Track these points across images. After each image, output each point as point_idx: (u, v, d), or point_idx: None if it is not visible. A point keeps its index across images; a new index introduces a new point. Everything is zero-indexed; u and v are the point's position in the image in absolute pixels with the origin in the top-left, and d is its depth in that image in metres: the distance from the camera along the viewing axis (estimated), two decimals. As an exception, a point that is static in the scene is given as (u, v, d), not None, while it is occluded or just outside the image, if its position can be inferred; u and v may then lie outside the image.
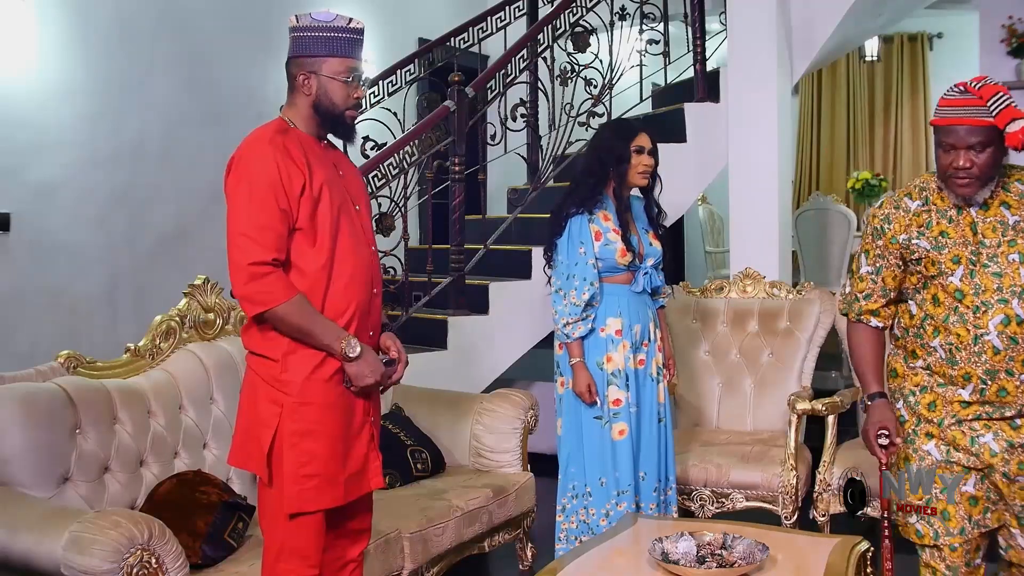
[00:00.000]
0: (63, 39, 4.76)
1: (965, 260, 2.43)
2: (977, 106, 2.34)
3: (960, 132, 2.35)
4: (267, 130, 2.52)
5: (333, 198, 2.46)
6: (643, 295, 3.51)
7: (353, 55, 2.54)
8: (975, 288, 2.41)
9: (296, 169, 2.41)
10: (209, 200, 5.45)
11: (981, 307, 2.40)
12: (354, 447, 2.49)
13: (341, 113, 2.53)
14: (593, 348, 3.42)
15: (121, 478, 2.98)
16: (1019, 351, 2.39)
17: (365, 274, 2.51)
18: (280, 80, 2.71)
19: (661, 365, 3.55)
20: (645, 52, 5.75)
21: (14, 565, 2.48)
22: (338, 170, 2.57)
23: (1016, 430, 2.45)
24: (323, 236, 2.43)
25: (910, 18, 8.75)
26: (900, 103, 10.21)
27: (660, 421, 3.51)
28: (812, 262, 7.55)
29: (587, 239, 3.39)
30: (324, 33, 2.51)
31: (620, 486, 3.41)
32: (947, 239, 2.46)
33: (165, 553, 2.47)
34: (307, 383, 2.40)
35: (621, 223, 3.44)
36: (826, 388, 4.45)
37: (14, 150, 4.54)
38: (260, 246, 2.36)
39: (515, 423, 3.90)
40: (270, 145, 2.43)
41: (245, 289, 2.36)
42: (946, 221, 2.47)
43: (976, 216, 2.44)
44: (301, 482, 2.39)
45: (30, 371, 2.95)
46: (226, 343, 3.49)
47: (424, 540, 3.28)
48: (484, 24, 6.20)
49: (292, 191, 2.39)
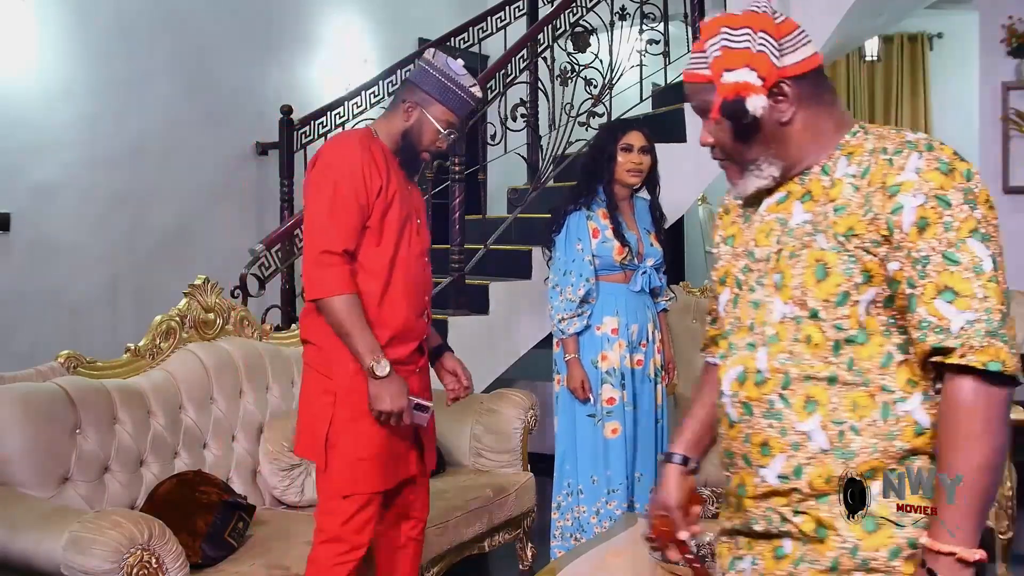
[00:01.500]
0: (63, 39, 4.76)
1: (731, 280, 1.63)
2: (698, 53, 1.54)
3: (687, 92, 1.58)
4: (355, 133, 2.72)
5: (402, 207, 2.64)
6: (642, 295, 3.50)
7: (460, 112, 2.71)
8: (732, 323, 1.61)
9: (376, 171, 2.58)
10: (209, 200, 5.46)
11: (727, 353, 1.60)
12: (399, 431, 2.64)
13: (420, 151, 2.71)
14: (589, 346, 3.43)
15: (121, 478, 2.98)
16: (755, 427, 1.52)
17: (420, 282, 2.72)
18: (280, 80, 2.71)
19: (660, 366, 3.54)
20: (645, 52, 5.75)
21: (14, 565, 2.48)
22: (407, 185, 2.75)
23: (779, 561, 1.52)
24: (388, 239, 2.60)
25: (910, 18, 8.75)
26: (900, 103, 10.21)
27: (657, 422, 3.50)
28: (812, 262, 7.54)
29: (584, 236, 3.40)
30: (448, 82, 2.66)
31: (611, 485, 3.41)
32: (729, 248, 1.67)
33: (165, 553, 2.47)
34: (359, 371, 2.54)
35: (613, 221, 3.43)
36: (826, 388, 4.44)
37: (14, 150, 4.54)
38: (334, 236, 2.52)
39: (515, 423, 3.90)
40: (358, 145, 2.60)
41: (310, 273, 2.55)
42: (741, 221, 1.66)
43: (756, 216, 1.61)
44: (355, 465, 2.57)
45: (30, 371, 2.95)
46: (226, 343, 3.49)
47: (424, 540, 3.28)
48: (484, 24, 6.20)
49: (371, 189, 2.56)
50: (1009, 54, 6.40)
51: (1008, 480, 3.52)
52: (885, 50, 10.10)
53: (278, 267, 4.53)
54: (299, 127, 5.48)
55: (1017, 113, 6.35)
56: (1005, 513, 3.49)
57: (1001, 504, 3.50)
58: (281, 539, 3.02)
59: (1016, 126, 6.36)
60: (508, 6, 6.27)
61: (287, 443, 3.39)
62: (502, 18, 6.24)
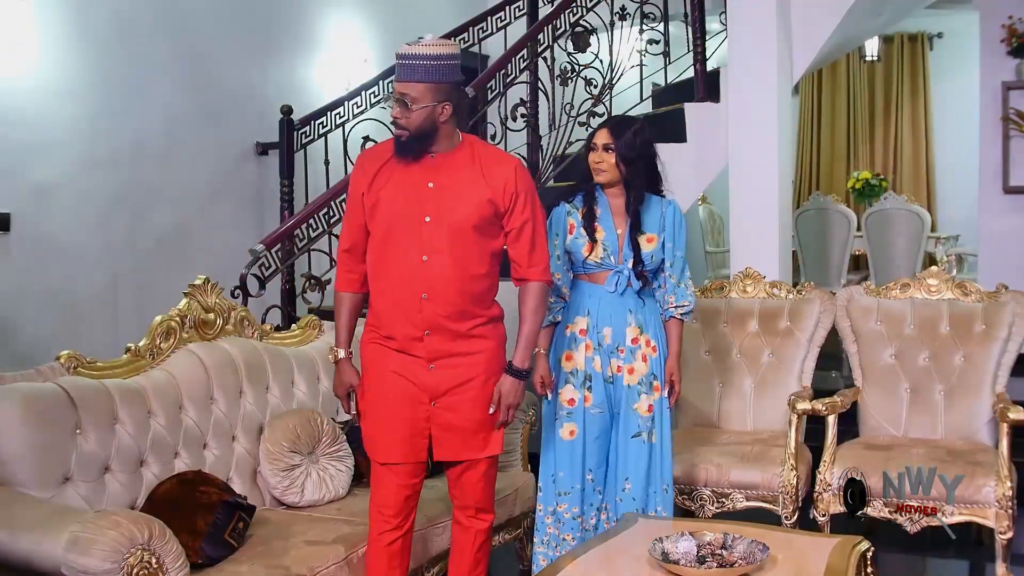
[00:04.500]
0: (63, 39, 4.76)
1: None
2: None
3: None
4: (379, 144, 3.05)
5: (392, 208, 2.80)
6: (626, 298, 3.33)
7: (397, 79, 2.76)
8: None
9: (363, 177, 2.85)
10: (209, 200, 5.47)
11: None
12: (412, 414, 2.86)
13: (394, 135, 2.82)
14: (557, 343, 3.38)
15: (121, 478, 2.98)
16: None
17: (405, 280, 2.80)
18: (280, 80, 2.73)
19: (648, 375, 3.34)
20: (645, 52, 5.76)
21: (14, 565, 2.48)
22: (428, 183, 2.79)
23: None
24: (377, 240, 2.84)
25: (910, 18, 8.76)
26: (900, 103, 10.21)
27: (638, 435, 3.32)
28: (812, 262, 7.55)
29: (561, 231, 3.35)
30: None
31: (561, 487, 3.35)
32: None
33: (165, 553, 2.47)
34: (362, 346, 2.94)
35: (587, 218, 3.33)
36: (826, 388, 4.44)
37: (14, 150, 4.54)
38: (340, 236, 2.99)
39: (515, 423, 3.90)
40: (363, 155, 2.98)
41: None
42: None
43: None
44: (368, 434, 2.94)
45: (30, 371, 2.94)
46: (226, 343, 3.49)
47: (424, 540, 3.28)
48: (484, 24, 6.20)
49: (355, 195, 2.88)
50: (1009, 54, 6.41)
51: (1008, 480, 3.52)
52: (885, 50, 10.10)
53: (278, 267, 4.53)
54: (299, 127, 5.48)
55: (1017, 113, 6.36)
56: (1005, 513, 3.49)
57: (1001, 504, 3.50)
58: (281, 539, 3.02)
59: (1016, 126, 6.37)
60: (508, 6, 6.27)
61: (287, 443, 3.39)
62: (502, 18, 6.25)
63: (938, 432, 4.03)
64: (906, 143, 10.19)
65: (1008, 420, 3.58)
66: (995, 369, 4.01)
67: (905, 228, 7.24)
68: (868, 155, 10.34)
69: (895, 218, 7.28)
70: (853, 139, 10.40)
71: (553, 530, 3.39)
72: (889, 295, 4.26)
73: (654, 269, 3.39)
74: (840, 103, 10.44)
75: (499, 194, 2.81)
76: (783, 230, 5.04)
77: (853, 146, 10.39)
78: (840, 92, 10.42)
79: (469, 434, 2.90)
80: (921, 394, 4.10)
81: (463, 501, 3.01)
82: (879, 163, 10.24)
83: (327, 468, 3.47)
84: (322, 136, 5.56)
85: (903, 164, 10.18)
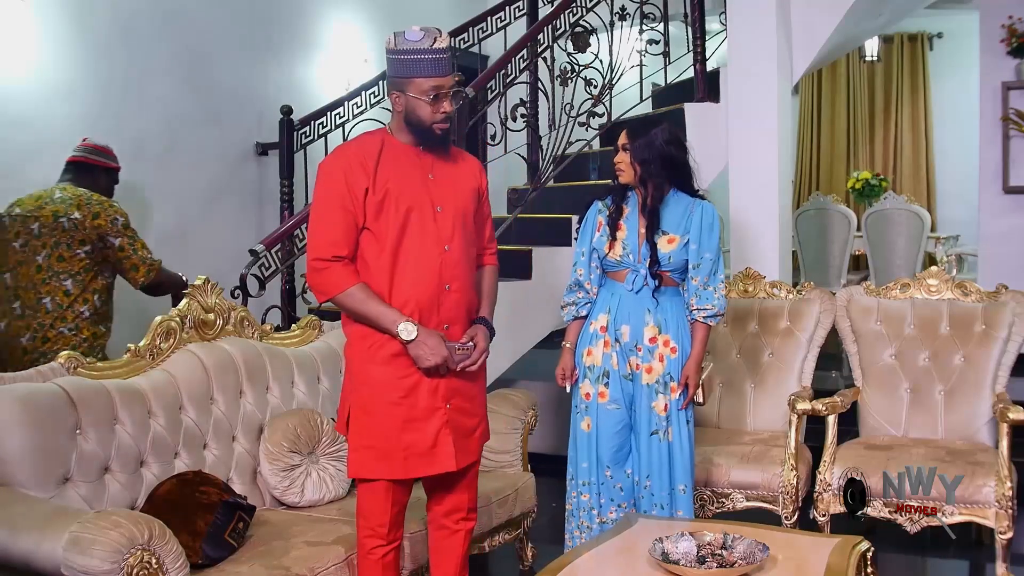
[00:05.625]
0: (63, 39, 4.75)
1: None
2: None
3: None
4: (355, 139, 2.87)
5: (401, 201, 2.71)
6: (644, 297, 3.35)
7: (436, 72, 2.75)
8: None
9: (362, 172, 2.70)
10: (209, 200, 5.46)
11: None
12: (420, 428, 2.74)
13: (429, 127, 2.76)
14: (582, 339, 3.46)
15: (121, 478, 2.98)
16: None
17: (432, 272, 2.74)
18: (280, 80, 2.73)
19: (665, 375, 3.34)
20: (645, 52, 5.76)
21: (14, 565, 2.48)
22: (428, 174, 2.79)
23: None
24: (387, 235, 2.71)
25: (910, 18, 8.76)
26: (900, 103, 10.21)
27: (654, 433, 3.34)
28: (812, 262, 7.55)
29: (591, 228, 3.45)
30: (408, 56, 2.75)
31: (581, 477, 3.43)
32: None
33: (165, 553, 2.47)
34: (364, 364, 2.75)
35: (611, 217, 3.41)
36: (826, 388, 4.45)
37: (14, 150, 4.53)
38: (320, 245, 2.70)
39: (515, 423, 3.91)
40: (345, 152, 2.76)
41: (311, 280, 2.76)
42: None
43: None
44: (360, 452, 2.76)
45: (30, 371, 2.95)
46: (226, 343, 3.49)
47: (424, 540, 3.28)
48: (484, 24, 6.20)
49: (356, 193, 2.69)
50: (1009, 54, 6.40)
51: (1008, 480, 3.52)
52: (885, 50, 10.10)
53: (278, 267, 4.53)
54: (299, 127, 5.48)
55: (1017, 113, 6.35)
56: (1005, 513, 3.49)
57: (1001, 504, 3.50)
58: (281, 539, 3.02)
59: (1016, 126, 6.36)
60: (508, 6, 6.27)
61: (287, 443, 3.39)
62: (502, 18, 6.24)
63: (938, 432, 4.04)
64: (906, 143, 10.19)
65: (1008, 420, 3.58)
66: (995, 369, 4.01)
67: (905, 228, 7.24)
68: (868, 155, 10.34)
69: (895, 218, 7.28)
70: (853, 139, 10.41)
71: (579, 515, 3.45)
72: (889, 295, 4.26)
73: (678, 269, 3.37)
74: (840, 103, 10.44)
75: (478, 184, 2.94)
76: (783, 230, 5.04)
77: (853, 146, 10.40)
78: (840, 92, 10.43)
79: (478, 432, 2.93)
80: (921, 394, 4.10)
81: (457, 504, 2.96)
82: (879, 163, 10.25)
83: (327, 468, 3.47)
84: (322, 136, 5.55)
85: (903, 164, 10.19)
